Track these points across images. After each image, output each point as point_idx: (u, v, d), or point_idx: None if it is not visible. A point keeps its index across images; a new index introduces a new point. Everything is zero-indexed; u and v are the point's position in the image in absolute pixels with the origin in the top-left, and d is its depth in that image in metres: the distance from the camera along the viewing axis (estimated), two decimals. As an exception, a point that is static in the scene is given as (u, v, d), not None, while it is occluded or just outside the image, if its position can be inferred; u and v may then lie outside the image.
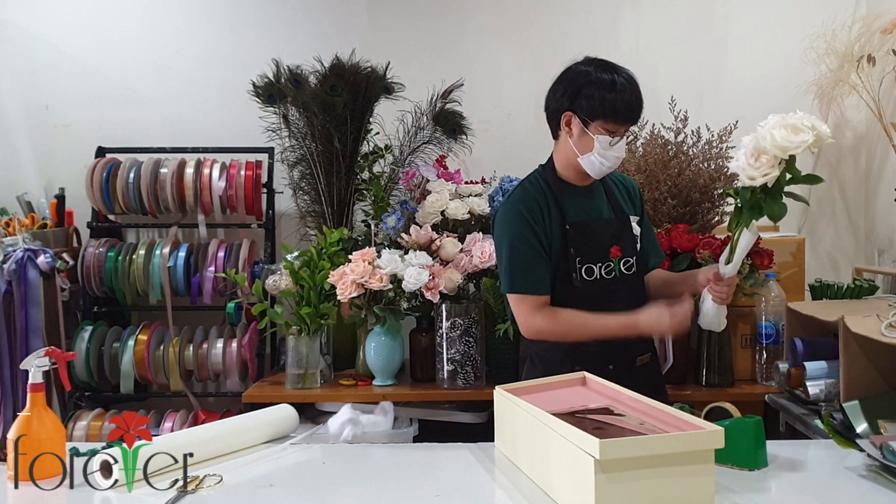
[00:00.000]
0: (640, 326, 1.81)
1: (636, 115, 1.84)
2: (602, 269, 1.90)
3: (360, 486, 1.50)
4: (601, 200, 1.96)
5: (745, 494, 1.42)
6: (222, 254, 2.90)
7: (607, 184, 1.99)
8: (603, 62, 1.88)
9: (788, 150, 1.45)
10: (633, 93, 1.83)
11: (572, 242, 1.87)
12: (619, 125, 1.82)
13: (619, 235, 1.93)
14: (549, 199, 1.90)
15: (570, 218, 1.89)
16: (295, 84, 2.83)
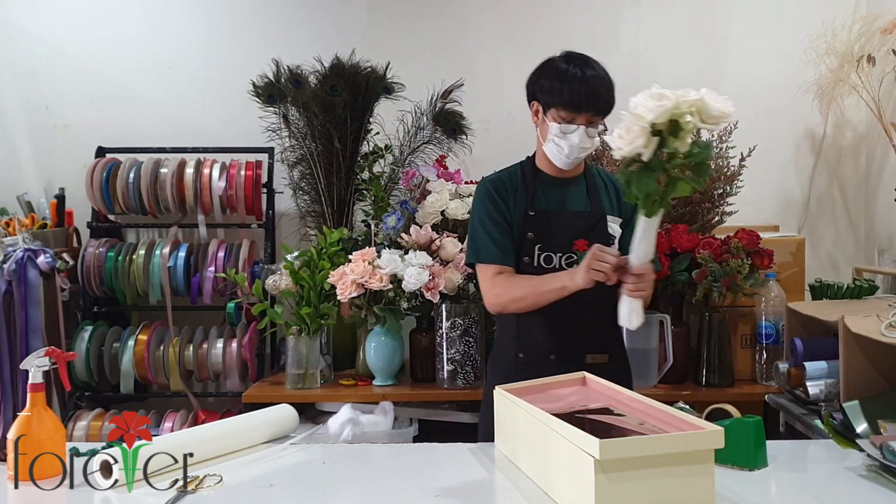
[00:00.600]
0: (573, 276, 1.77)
1: (590, 105, 1.84)
2: (562, 260, 1.91)
3: (360, 486, 1.50)
4: (578, 194, 1.95)
5: (745, 494, 1.42)
6: (222, 254, 2.90)
7: (594, 180, 1.98)
8: (574, 55, 1.90)
9: (644, 117, 1.39)
10: (586, 83, 1.83)
11: (532, 228, 1.91)
12: (571, 113, 1.84)
13: (589, 231, 1.91)
14: (520, 184, 1.95)
15: (536, 206, 1.93)
16: (295, 84, 2.83)
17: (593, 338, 1.92)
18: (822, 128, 3.11)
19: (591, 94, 1.83)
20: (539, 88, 1.91)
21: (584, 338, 1.92)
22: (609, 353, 1.95)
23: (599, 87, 1.84)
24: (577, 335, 1.90)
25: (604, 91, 1.85)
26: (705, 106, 1.43)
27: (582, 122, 1.85)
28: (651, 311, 2.51)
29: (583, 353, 1.92)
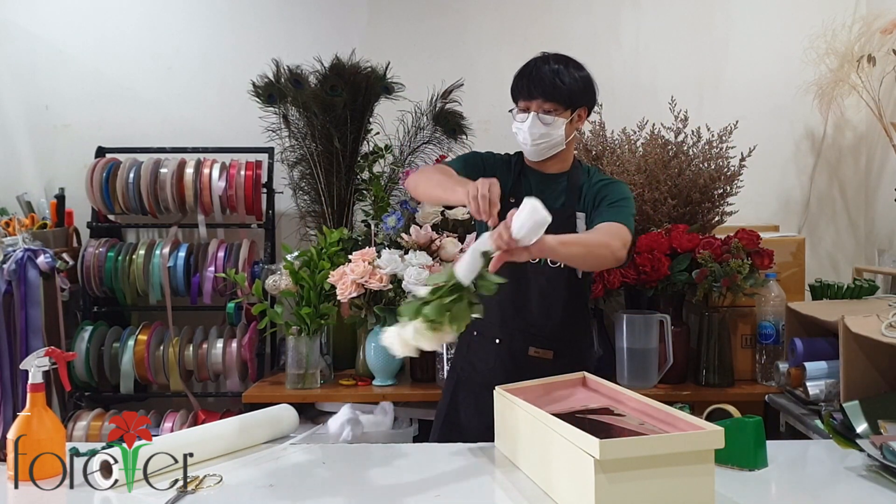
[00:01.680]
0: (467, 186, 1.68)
1: (535, 90, 1.87)
2: None
3: (360, 486, 1.50)
4: (558, 190, 1.96)
5: (745, 494, 1.42)
6: (222, 254, 2.90)
7: (578, 179, 1.98)
8: (545, 55, 1.94)
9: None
10: (534, 72, 1.88)
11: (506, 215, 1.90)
12: (523, 101, 1.90)
13: (556, 228, 1.84)
14: (515, 170, 1.99)
15: (519, 195, 1.88)
16: (295, 84, 2.83)
17: (539, 332, 1.93)
18: (822, 128, 3.11)
19: (536, 80, 1.87)
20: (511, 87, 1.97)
21: (530, 330, 1.93)
22: (554, 351, 1.94)
23: (547, 75, 1.87)
24: (523, 327, 1.92)
25: (551, 77, 1.87)
26: None
27: (533, 109, 1.88)
28: (651, 311, 2.51)
29: (526, 344, 1.94)
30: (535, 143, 1.90)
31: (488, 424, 1.79)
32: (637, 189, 2.60)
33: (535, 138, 1.89)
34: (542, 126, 1.88)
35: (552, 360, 1.93)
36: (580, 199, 1.96)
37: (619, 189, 1.94)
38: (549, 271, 1.92)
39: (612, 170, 2.67)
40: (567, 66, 1.90)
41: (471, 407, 1.98)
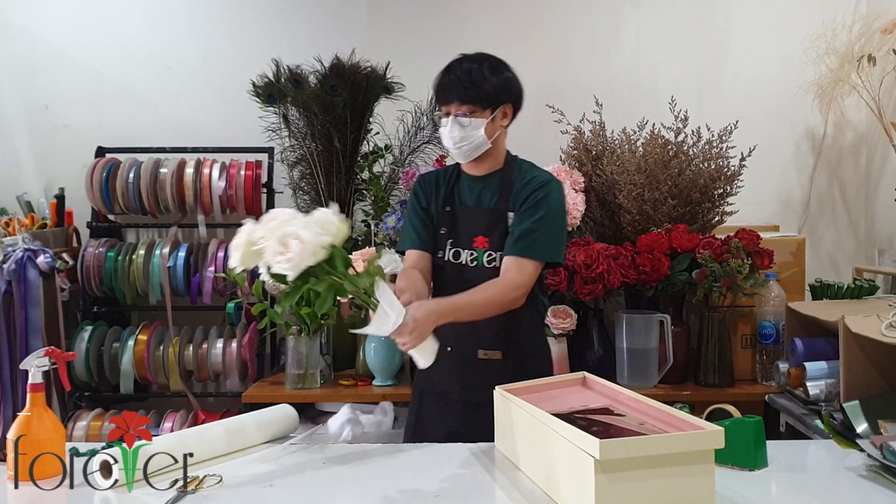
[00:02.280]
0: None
1: (449, 95, 1.88)
2: (468, 256, 1.95)
3: (360, 486, 1.50)
4: (491, 191, 1.96)
5: (745, 494, 1.42)
6: (222, 254, 2.90)
7: (508, 178, 1.96)
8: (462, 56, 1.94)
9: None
10: (446, 76, 1.89)
11: (444, 223, 1.98)
12: (440, 105, 1.93)
13: (490, 228, 1.94)
14: (448, 181, 2.02)
15: (454, 202, 1.99)
16: (295, 84, 2.83)
17: (485, 335, 1.93)
18: (822, 128, 3.11)
19: (449, 84, 1.88)
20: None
21: (477, 334, 1.93)
22: (502, 352, 1.94)
23: (461, 77, 1.87)
24: (470, 331, 1.91)
25: (464, 79, 1.86)
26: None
27: (452, 113, 1.89)
28: (651, 311, 2.52)
29: (475, 348, 1.94)
30: (458, 147, 1.90)
31: (451, 430, 1.87)
32: (637, 189, 2.60)
33: (456, 141, 1.89)
34: (461, 129, 1.88)
35: (501, 360, 1.93)
36: (512, 199, 1.94)
37: (542, 202, 1.89)
38: (486, 273, 1.91)
39: (612, 170, 2.67)
40: (482, 65, 1.87)
41: (433, 415, 2.00)
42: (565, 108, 2.78)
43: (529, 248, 1.86)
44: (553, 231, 1.91)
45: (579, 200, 2.64)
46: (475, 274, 1.92)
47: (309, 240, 1.44)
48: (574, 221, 2.62)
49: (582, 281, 2.47)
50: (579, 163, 2.78)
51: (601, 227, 2.78)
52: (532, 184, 1.92)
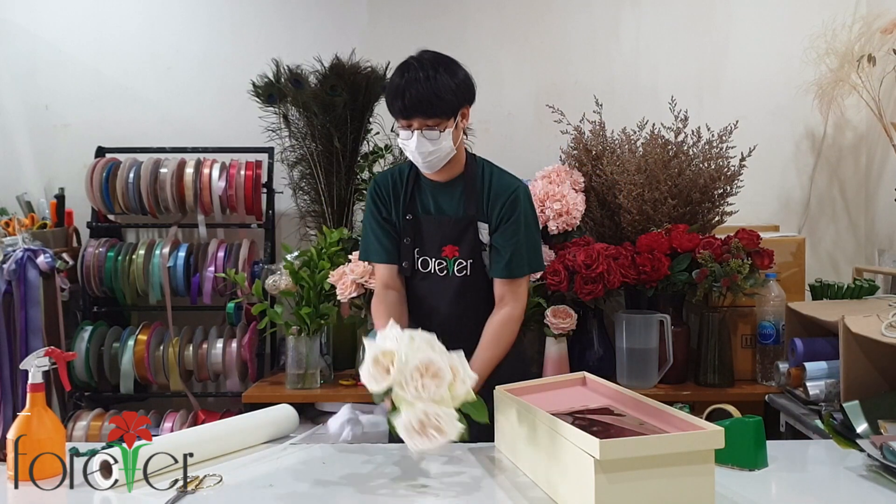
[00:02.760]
0: None
1: (412, 111, 1.79)
2: (436, 265, 1.93)
3: (360, 486, 1.50)
4: (454, 198, 1.92)
5: (745, 494, 1.42)
6: (222, 254, 2.90)
7: (473, 183, 1.92)
8: (411, 59, 1.84)
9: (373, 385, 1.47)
10: (406, 89, 1.77)
11: (408, 232, 1.94)
12: (401, 118, 1.82)
13: (459, 237, 1.91)
14: (406, 187, 1.95)
15: (413, 209, 1.95)
16: (295, 84, 2.83)
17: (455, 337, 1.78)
18: (822, 128, 3.11)
19: (411, 101, 1.77)
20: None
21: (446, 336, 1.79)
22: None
23: (422, 92, 1.77)
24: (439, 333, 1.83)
25: (426, 94, 1.76)
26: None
27: (415, 127, 1.80)
28: (651, 311, 2.51)
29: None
30: (427, 160, 1.84)
31: None
32: (637, 189, 2.60)
33: (425, 156, 1.83)
34: (429, 143, 1.81)
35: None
36: (480, 207, 1.90)
37: (518, 214, 1.88)
38: (457, 280, 1.92)
39: (612, 170, 2.67)
40: (437, 71, 1.78)
41: None
42: (565, 108, 2.78)
43: (519, 267, 1.90)
44: (534, 242, 1.94)
45: (579, 200, 2.63)
46: (445, 283, 1.92)
47: (448, 431, 1.41)
48: (574, 221, 2.62)
49: (582, 281, 2.47)
50: (579, 163, 2.78)
51: (601, 227, 2.78)
52: (503, 194, 1.89)
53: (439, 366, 1.42)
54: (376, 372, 1.43)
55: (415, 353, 1.42)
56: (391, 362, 1.42)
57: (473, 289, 1.94)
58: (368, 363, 1.45)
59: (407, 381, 1.40)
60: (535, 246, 1.95)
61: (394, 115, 1.85)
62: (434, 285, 1.94)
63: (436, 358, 1.42)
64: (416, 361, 1.40)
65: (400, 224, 1.95)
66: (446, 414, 1.41)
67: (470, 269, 1.92)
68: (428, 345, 1.46)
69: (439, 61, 1.82)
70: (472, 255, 1.91)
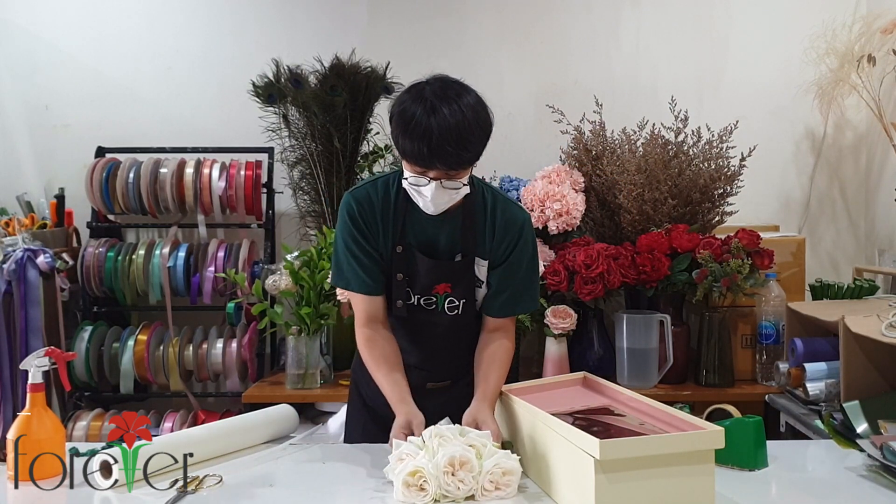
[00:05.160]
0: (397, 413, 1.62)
1: (435, 162, 1.55)
2: (422, 300, 1.74)
3: (360, 486, 1.50)
4: (453, 231, 1.71)
5: (745, 494, 1.42)
6: (222, 254, 2.90)
7: (472, 215, 1.71)
8: (431, 91, 1.58)
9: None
10: (430, 136, 1.52)
11: (400, 267, 1.71)
12: (418, 166, 1.58)
13: (455, 276, 1.72)
14: (389, 207, 1.71)
15: (407, 241, 1.71)
16: (295, 84, 2.82)
17: (434, 373, 1.82)
18: (822, 128, 3.11)
19: (436, 150, 1.53)
20: (392, 127, 1.62)
21: (427, 372, 1.81)
22: (451, 380, 1.83)
23: (447, 139, 1.53)
24: (421, 367, 1.79)
25: (453, 142, 1.53)
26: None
27: (434, 177, 1.59)
28: (651, 312, 2.51)
29: (424, 381, 1.79)
30: (440, 209, 1.64)
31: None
32: (637, 189, 2.60)
33: (440, 206, 1.63)
34: (449, 193, 1.61)
35: (450, 386, 1.83)
36: (481, 242, 1.72)
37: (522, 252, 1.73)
38: (445, 318, 1.75)
39: (612, 170, 2.67)
40: (464, 112, 1.56)
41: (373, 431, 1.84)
42: (565, 108, 2.78)
43: (517, 307, 1.78)
44: (533, 279, 1.80)
45: (579, 200, 2.63)
46: (432, 317, 1.76)
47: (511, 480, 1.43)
48: (574, 221, 2.62)
49: (582, 281, 2.47)
50: (579, 163, 2.78)
51: (601, 227, 2.78)
52: (508, 229, 1.72)
53: (461, 454, 1.40)
54: (412, 494, 1.40)
55: (435, 461, 1.40)
56: (423, 480, 1.40)
57: (462, 329, 1.78)
58: (400, 491, 1.40)
59: (448, 488, 1.39)
60: (535, 283, 1.81)
61: (406, 158, 1.60)
62: (421, 320, 1.77)
63: (453, 449, 1.40)
64: (442, 466, 1.39)
65: (386, 253, 1.72)
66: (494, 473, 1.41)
67: (461, 308, 1.74)
68: (439, 439, 1.44)
69: (468, 101, 1.60)
70: (465, 295, 1.74)
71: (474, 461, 1.40)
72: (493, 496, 1.40)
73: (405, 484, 1.39)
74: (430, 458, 1.40)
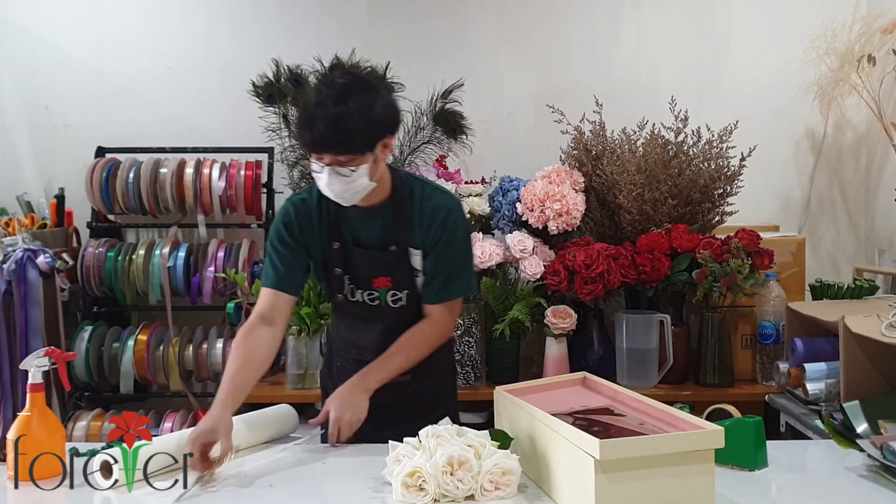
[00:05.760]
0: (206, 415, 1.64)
1: (319, 146, 1.64)
2: (365, 296, 1.82)
3: (360, 486, 1.50)
4: (382, 225, 1.80)
5: (745, 494, 1.42)
6: (222, 254, 2.90)
7: (402, 206, 1.79)
8: (323, 86, 1.72)
9: None
10: (314, 123, 1.63)
11: (337, 262, 1.81)
12: (312, 153, 1.68)
13: (392, 268, 1.80)
14: (329, 211, 1.80)
15: (339, 237, 1.81)
16: (295, 84, 2.83)
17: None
18: (822, 128, 3.11)
19: (319, 136, 1.63)
20: None
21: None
22: (411, 375, 1.85)
23: (330, 128, 1.61)
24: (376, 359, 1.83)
25: (334, 130, 1.61)
26: None
27: (326, 163, 1.65)
28: (651, 312, 2.52)
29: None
30: (339, 197, 1.71)
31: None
32: (637, 189, 2.60)
33: (338, 193, 1.69)
34: (342, 179, 1.66)
35: (410, 381, 1.86)
36: (411, 233, 1.79)
37: (451, 236, 1.79)
38: (391, 311, 1.83)
39: (612, 170, 2.67)
40: (348, 104, 1.62)
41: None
42: (565, 108, 2.78)
43: (451, 291, 1.83)
44: (467, 263, 1.86)
45: (579, 200, 2.63)
46: (380, 312, 1.83)
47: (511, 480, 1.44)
48: (574, 221, 2.62)
49: (582, 281, 2.47)
50: (579, 163, 2.78)
51: (601, 227, 2.78)
52: (435, 216, 1.78)
53: (459, 453, 1.41)
54: (412, 494, 1.40)
55: (433, 461, 1.40)
56: (422, 480, 1.40)
57: (410, 320, 1.84)
58: (399, 491, 1.40)
59: (447, 487, 1.39)
60: (468, 268, 1.87)
61: (302, 146, 1.73)
62: (367, 315, 1.84)
63: (451, 449, 1.41)
64: (441, 466, 1.39)
65: (325, 254, 1.82)
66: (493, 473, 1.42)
67: (406, 299, 1.82)
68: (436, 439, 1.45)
69: (352, 89, 1.66)
70: (406, 286, 1.81)
71: (473, 461, 1.40)
72: (492, 496, 1.40)
73: (404, 485, 1.39)
74: (428, 458, 1.40)
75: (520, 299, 2.52)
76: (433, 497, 1.39)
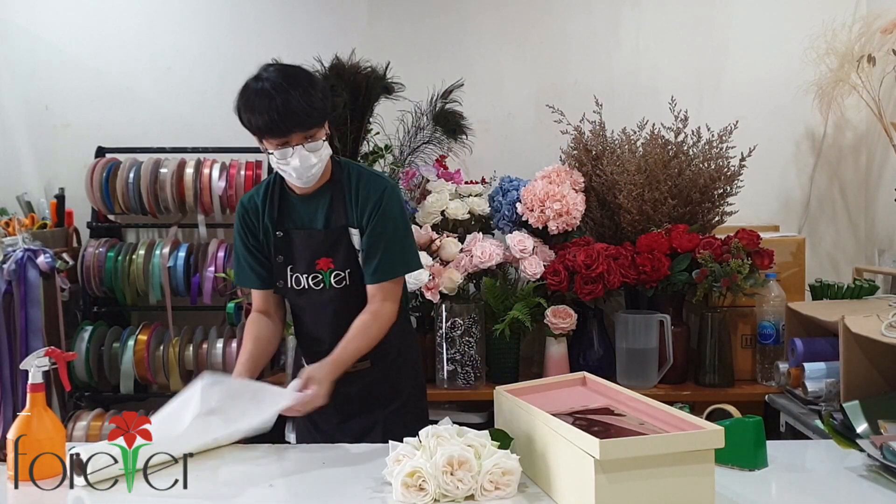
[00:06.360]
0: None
1: (289, 125, 1.70)
2: (310, 280, 1.86)
3: (360, 487, 1.50)
4: (322, 208, 1.86)
5: (745, 494, 1.42)
6: (222, 254, 2.90)
7: (340, 189, 1.86)
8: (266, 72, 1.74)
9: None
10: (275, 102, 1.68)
11: (280, 251, 1.87)
12: (274, 138, 1.73)
13: (332, 248, 1.85)
14: (269, 202, 1.88)
15: (285, 225, 1.87)
16: (295, 84, 2.82)
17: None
18: (822, 128, 3.11)
19: (287, 115, 1.68)
20: (242, 121, 1.77)
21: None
22: (371, 361, 1.88)
23: (295, 105, 1.68)
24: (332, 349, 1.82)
25: (300, 106, 1.68)
26: None
27: (294, 143, 1.72)
28: (651, 312, 2.52)
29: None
30: (311, 174, 1.77)
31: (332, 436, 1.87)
32: (637, 189, 2.60)
33: (310, 169, 1.76)
34: (312, 156, 1.74)
35: (370, 367, 1.89)
36: (350, 213, 1.85)
37: (386, 215, 1.83)
38: (336, 293, 1.86)
39: (612, 170, 2.67)
40: (298, 82, 1.70)
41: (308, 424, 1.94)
42: (565, 108, 2.78)
43: (390, 270, 1.85)
44: (405, 242, 1.88)
45: (579, 200, 2.63)
46: (323, 296, 1.86)
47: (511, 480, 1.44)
48: (574, 221, 2.62)
49: (582, 281, 2.47)
50: (579, 163, 2.78)
51: (601, 227, 2.78)
52: (370, 196, 1.83)
53: (459, 453, 1.41)
54: (412, 494, 1.40)
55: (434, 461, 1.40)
56: (422, 480, 1.40)
57: (357, 300, 1.86)
58: (399, 491, 1.40)
59: (447, 487, 1.39)
60: (407, 246, 1.89)
61: (264, 135, 1.73)
62: (313, 300, 1.88)
63: (451, 449, 1.41)
64: (441, 466, 1.39)
65: (270, 242, 1.88)
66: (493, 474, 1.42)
67: (349, 278, 1.85)
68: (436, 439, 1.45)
69: (293, 73, 1.75)
70: (348, 265, 1.85)
71: (473, 461, 1.40)
72: (492, 496, 1.40)
73: (404, 485, 1.39)
74: (428, 458, 1.40)
75: (520, 299, 2.52)
76: (433, 497, 1.39)
